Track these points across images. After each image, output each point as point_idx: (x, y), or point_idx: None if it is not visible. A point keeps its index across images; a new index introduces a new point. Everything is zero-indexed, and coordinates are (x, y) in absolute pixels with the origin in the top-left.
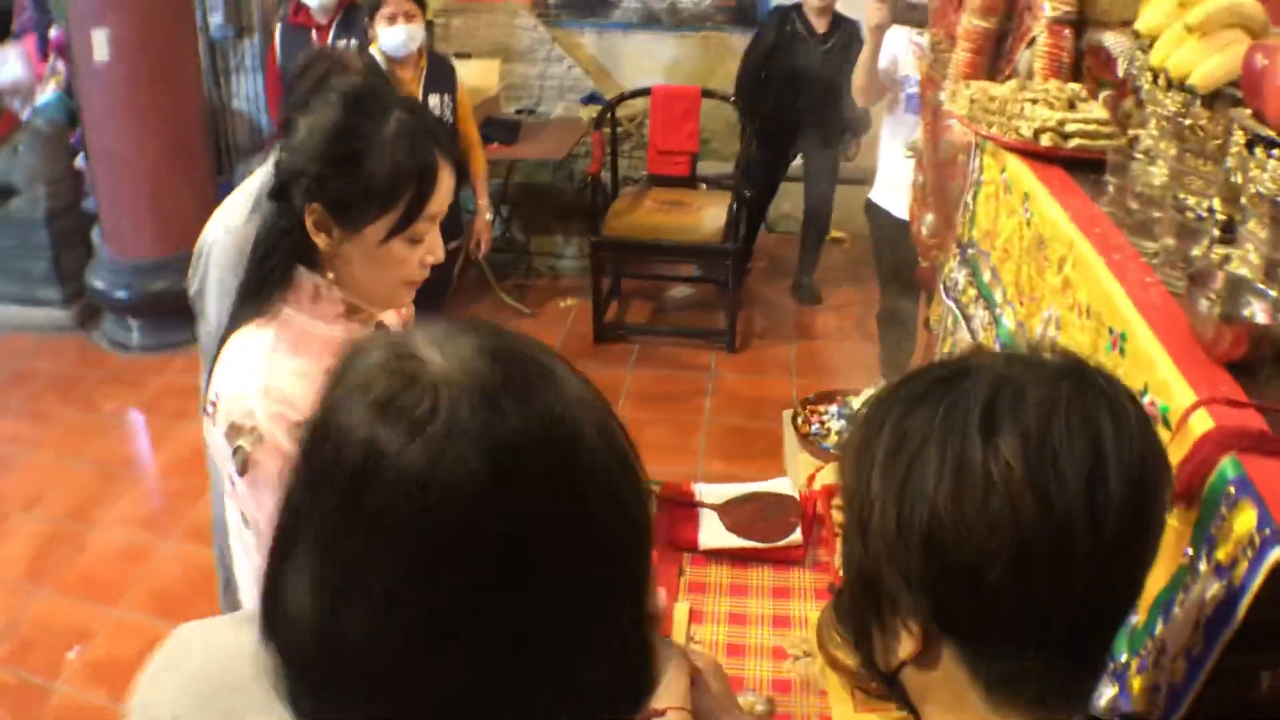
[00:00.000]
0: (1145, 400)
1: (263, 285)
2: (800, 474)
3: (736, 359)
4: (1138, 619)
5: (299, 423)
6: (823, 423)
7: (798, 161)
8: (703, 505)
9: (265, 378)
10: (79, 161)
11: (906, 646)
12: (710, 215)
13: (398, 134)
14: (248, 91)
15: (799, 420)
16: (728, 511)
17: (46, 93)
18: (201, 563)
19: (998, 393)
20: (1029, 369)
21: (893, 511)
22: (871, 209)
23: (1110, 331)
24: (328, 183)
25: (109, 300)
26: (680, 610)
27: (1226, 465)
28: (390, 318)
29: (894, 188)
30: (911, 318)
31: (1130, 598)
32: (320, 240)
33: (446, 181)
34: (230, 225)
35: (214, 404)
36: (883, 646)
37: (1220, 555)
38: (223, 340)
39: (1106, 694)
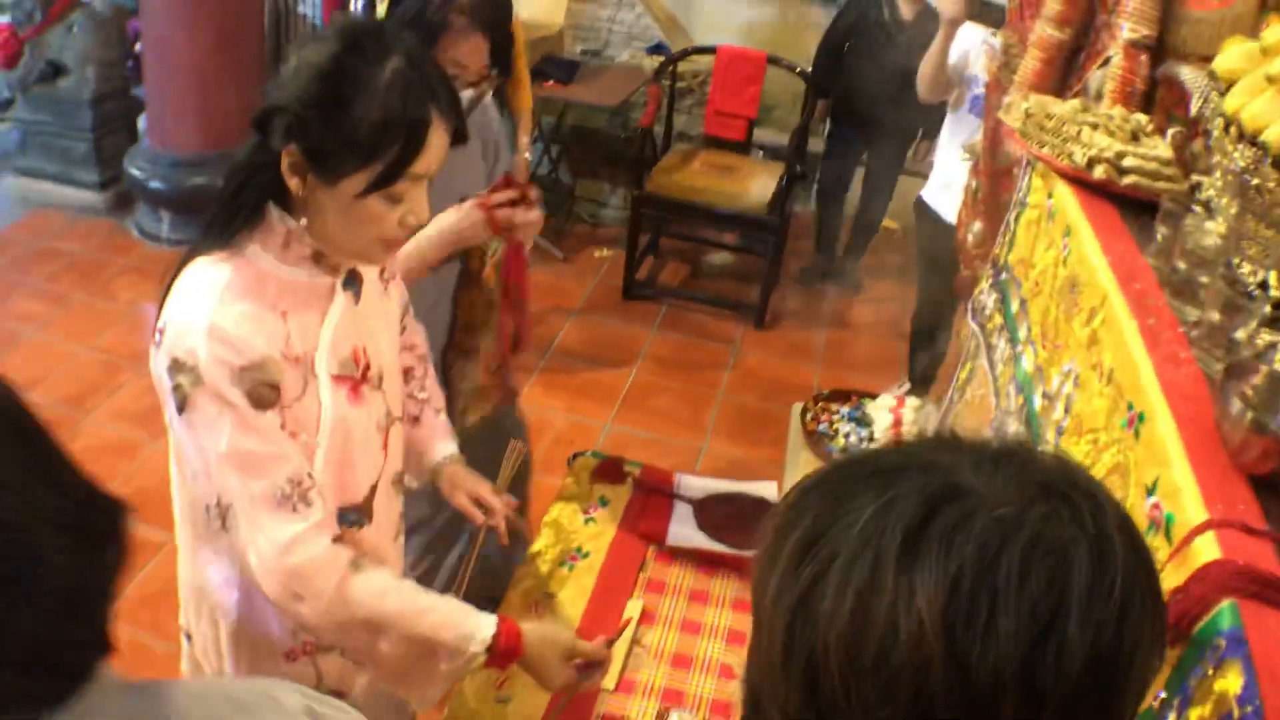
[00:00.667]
0: (1150, 502)
1: (231, 219)
2: (797, 475)
3: (763, 337)
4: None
5: (244, 367)
6: (832, 423)
7: None
8: (678, 498)
9: (213, 316)
10: (139, 47)
11: None
12: (759, 184)
13: (391, 83)
14: None
15: (808, 416)
16: (704, 509)
17: None
18: None
19: (938, 507)
20: (997, 477)
21: (780, 632)
22: (920, 208)
23: (1129, 408)
24: (308, 125)
25: (144, 189)
26: (633, 607)
27: (1223, 612)
28: (368, 271)
29: (947, 189)
30: (946, 325)
31: None
32: (293, 184)
33: (439, 141)
34: None
35: (160, 333)
36: None
37: (1192, 716)
38: (180, 267)
39: None
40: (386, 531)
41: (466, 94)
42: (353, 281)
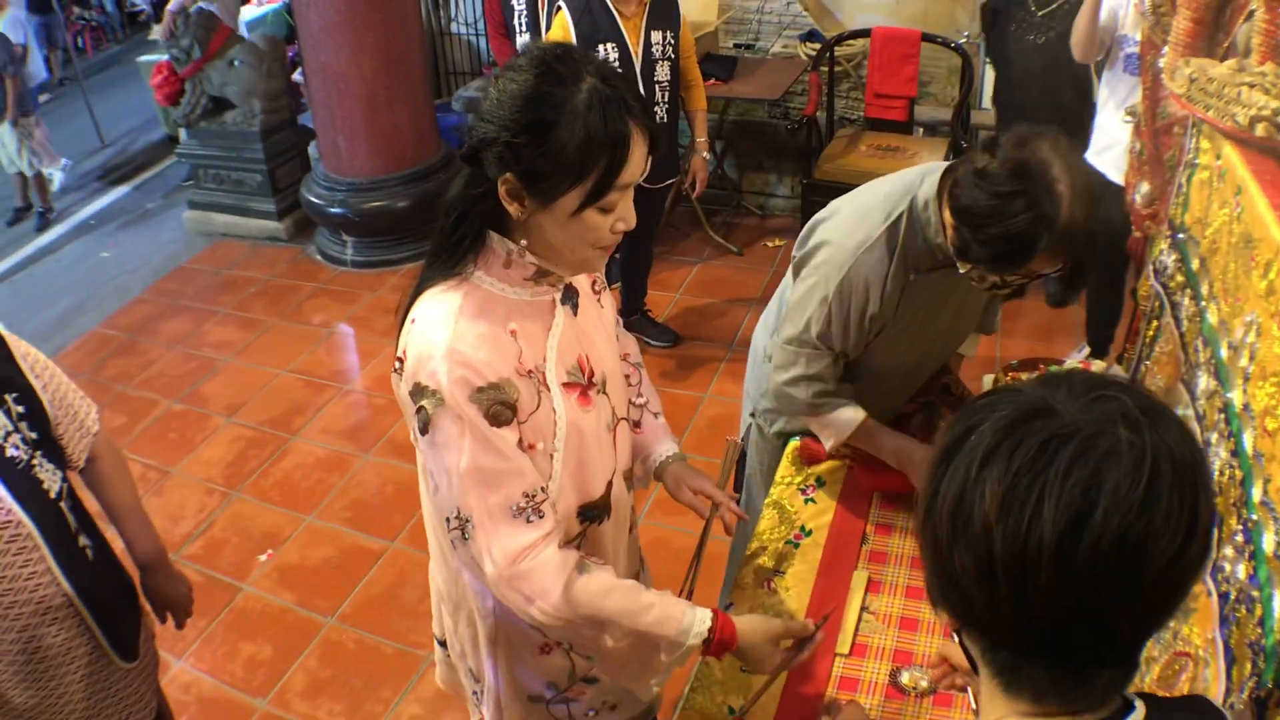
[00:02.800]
0: None
1: (455, 249)
2: None
3: None
4: None
5: (481, 387)
6: None
7: None
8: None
9: (451, 341)
10: (297, 75)
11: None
12: (925, 161)
13: (590, 103)
14: (466, 16)
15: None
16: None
17: (260, 6)
18: (399, 477)
19: (1018, 425)
20: (1078, 402)
21: (923, 509)
22: None
23: None
24: (520, 152)
25: (323, 215)
26: (858, 578)
27: None
28: (580, 280)
29: (1109, 150)
30: (1121, 286)
31: (1117, 633)
32: (513, 209)
33: (639, 150)
34: None
35: (400, 360)
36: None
37: None
38: (412, 299)
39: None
40: (623, 525)
41: None
42: (570, 296)
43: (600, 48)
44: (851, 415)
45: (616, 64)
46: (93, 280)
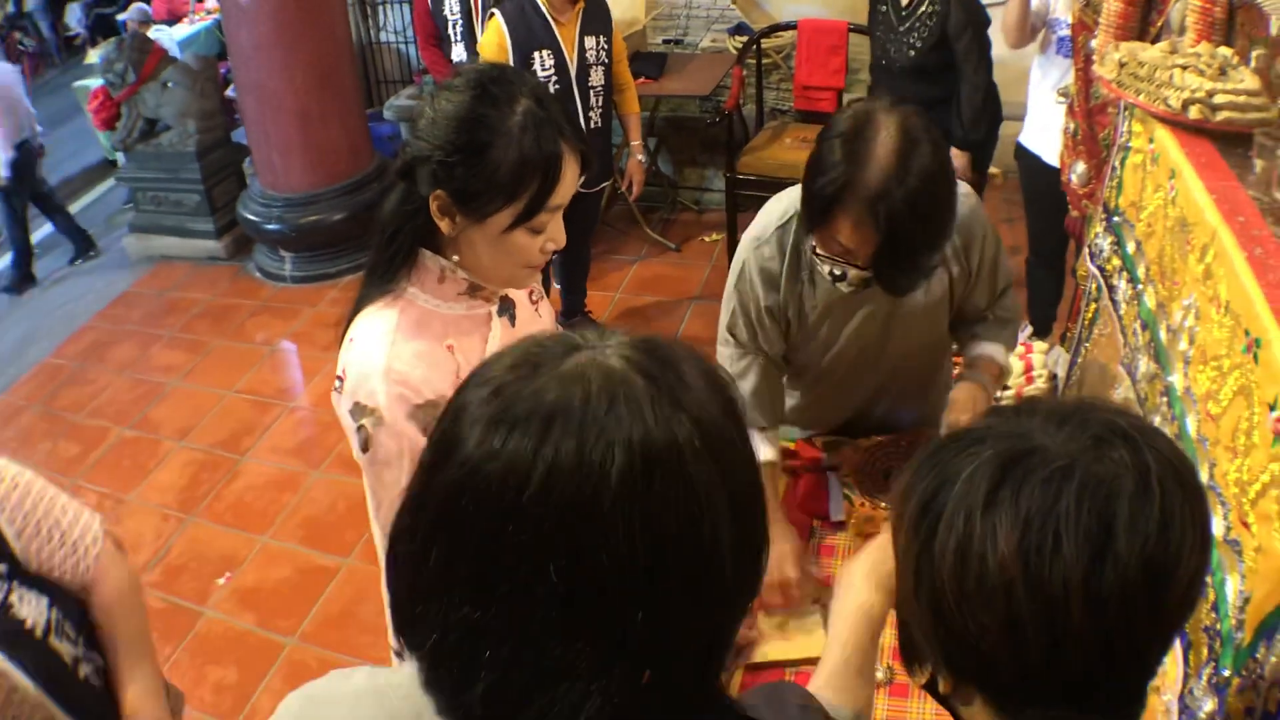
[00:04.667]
0: (1272, 417)
1: (389, 265)
2: None
3: None
4: (1243, 637)
5: (419, 404)
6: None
7: None
8: (832, 470)
9: (388, 359)
10: (230, 92)
11: (944, 684)
12: None
13: (524, 125)
14: (394, 24)
15: None
16: (857, 473)
17: (191, 25)
18: (349, 493)
19: (1010, 467)
20: (1060, 434)
21: (910, 575)
22: (1021, 153)
23: (1247, 334)
24: (452, 170)
25: (260, 232)
26: None
27: None
28: (517, 293)
29: (1045, 131)
30: (1060, 266)
31: (1147, 663)
32: (444, 225)
33: (571, 172)
34: None
35: (340, 379)
36: (932, 677)
37: None
38: (352, 315)
39: (1206, 706)
40: None
41: None
42: (507, 307)
43: (536, 55)
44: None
45: (552, 71)
46: (40, 310)
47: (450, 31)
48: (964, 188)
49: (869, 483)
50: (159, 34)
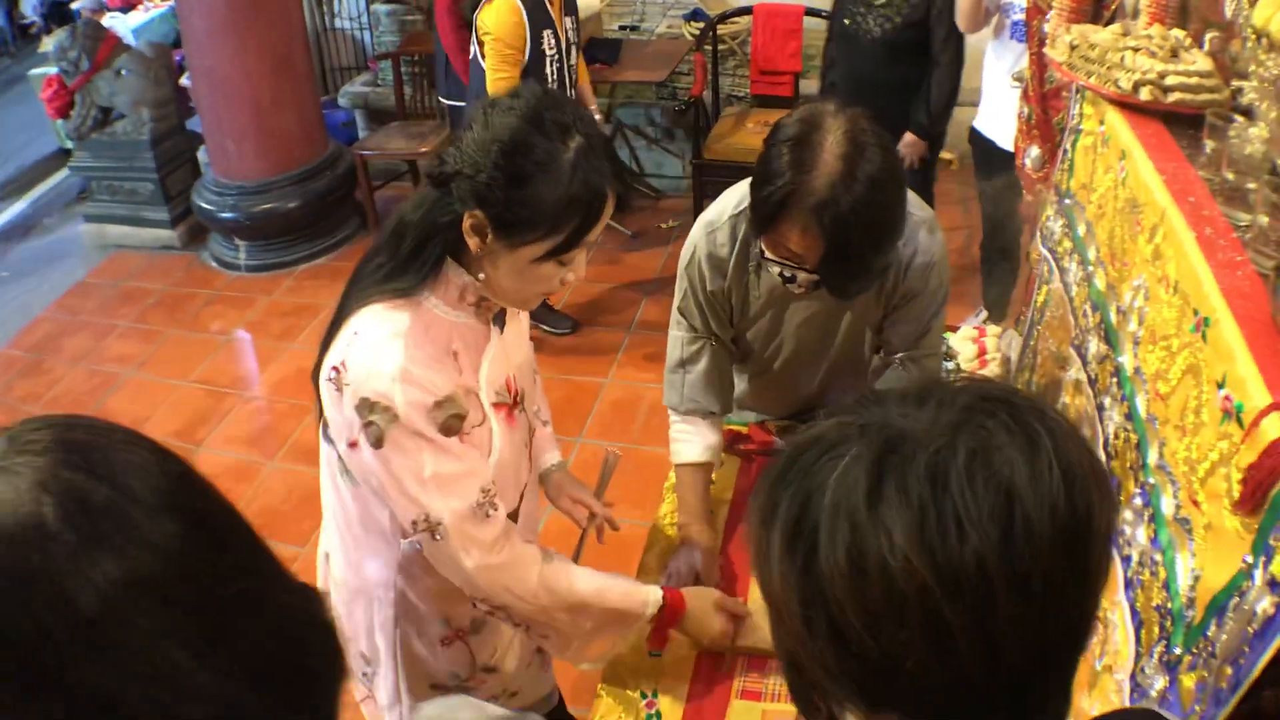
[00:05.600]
0: (1221, 395)
1: (405, 269)
2: None
3: None
4: (1194, 615)
5: (438, 402)
6: None
7: None
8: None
9: (404, 362)
10: (184, 80)
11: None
12: None
13: (575, 163)
14: (349, 11)
15: None
16: None
17: (146, 12)
18: (306, 482)
19: (885, 461)
20: (923, 416)
21: (796, 606)
22: (975, 138)
23: (1195, 314)
24: (494, 192)
25: (215, 221)
26: None
27: None
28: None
29: (998, 116)
30: (1014, 250)
31: (1078, 643)
32: (473, 244)
33: (609, 211)
34: None
35: (337, 370)
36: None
37: (1275, 570)
38: (345, 307)
39: (1157, 684)
40: (529, 532)
41: None
42: (499, 316)
43: (544, 34)
44: (685, 450)
45: (555, 51)
46: None
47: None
48: (937, 240)
49: None
50: (114, 21)
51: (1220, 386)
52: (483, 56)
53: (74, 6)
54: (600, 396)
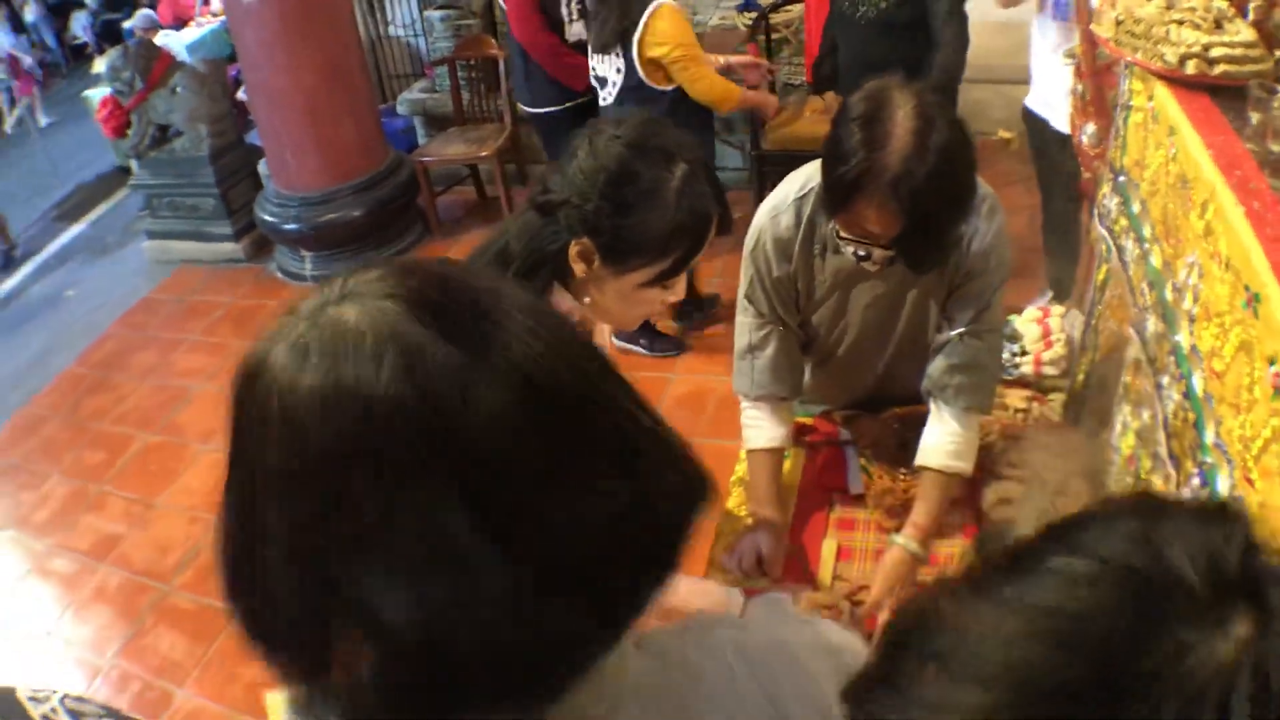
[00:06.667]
0: (1272, 371)
1: None
2: None
3: None
4: None
5: None
6: None
7: None
8: (848, 444)
9: None
10: (241, 94)
11: None
12: None
13: (681, 190)
14: (402, 18)
15: None
16: (874, 445)
17: (199, 29)
18: None
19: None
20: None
21: None
22: (1029, 117)
23: (1246, 289)
24: (602, 221)
25: (279, 233)
26: (828, 548)
27: None
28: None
29: (1049, 94)
30: (1076, 229)
31: None
32: (579, 269)
33: (714, 233)
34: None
35: None
36: None
37: None
38: None
39: None
40: None
41: None
42: None
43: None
44: (756, 436)
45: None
46: (61, 320)
47: (564, 10)
48: (998, 220)
49: (885, 455)
50: (166, 39)
51: (1272, 363)
52: (662, 80)
53: (126, 26)
54: (667, 392)
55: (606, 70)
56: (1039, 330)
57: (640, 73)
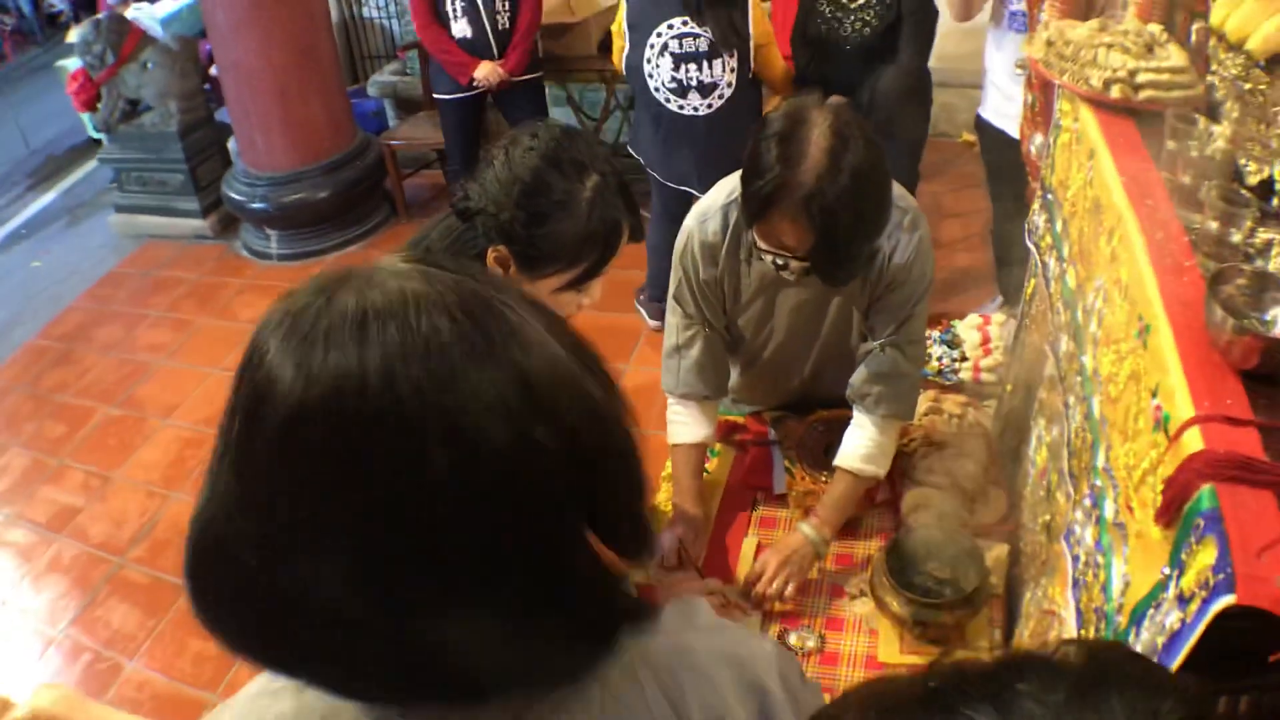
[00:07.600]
0: (1153, 404)
1: None
2: None
3: None
4: (1121, 620)
5: None
6: None
7: None
8: (775, 445)
9: None
10: (214, 71)
11: None
12: None
13: (593, 200)
14: (377, 0)
15: None
16: (798, 447)
17: (174, 2)
18: None
19: None
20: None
21: None
22: (981, 126)
23: (1139, 319)
24: (516, 230)
25: (245, 211)
26: (748, 545)
27: (1203, 495)
28: None
29: (1000, 103)
30: (1022, 238)
31: None
32: (496, 274)
33: (625, 241)
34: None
35: None
36: None
37: (1184, 584)
38: None
39: None
40: None
41: None
42: None
43: None
44: (680, 432)
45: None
46: (26, 291)
47: (449, 7)
48: (920, 234)
49: (809, 457)
50: (139, 13)
51: (1154, 395)
52: (758, 65)
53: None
54: (620, 383)
55: (717, 75)
56: (979, 337)
57: (752, 64)
